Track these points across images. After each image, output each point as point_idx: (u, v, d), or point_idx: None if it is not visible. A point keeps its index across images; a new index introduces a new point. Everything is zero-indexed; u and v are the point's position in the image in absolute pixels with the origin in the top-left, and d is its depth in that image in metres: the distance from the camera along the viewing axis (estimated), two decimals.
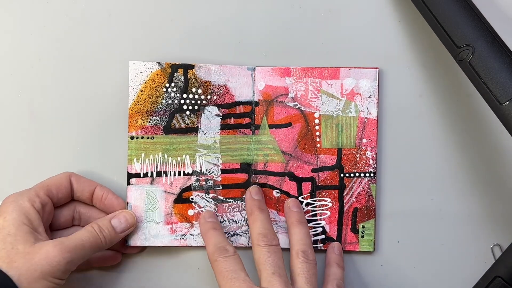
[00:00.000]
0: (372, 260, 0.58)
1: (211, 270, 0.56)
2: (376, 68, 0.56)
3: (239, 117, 0.56)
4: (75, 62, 0.57)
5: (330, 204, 0.56)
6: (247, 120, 0.56)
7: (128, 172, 0.56)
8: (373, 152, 0.56)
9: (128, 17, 0.57)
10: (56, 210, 0.53)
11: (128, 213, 0.54)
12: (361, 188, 0.56)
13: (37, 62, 0.57)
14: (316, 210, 0.57)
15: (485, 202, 0.58)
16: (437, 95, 0.57)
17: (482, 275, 0.51)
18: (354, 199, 0.56)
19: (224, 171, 0.56)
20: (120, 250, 0.56)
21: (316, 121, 0.56)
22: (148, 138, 0.56)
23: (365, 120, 0.56)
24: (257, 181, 0.56)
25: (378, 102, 0.56)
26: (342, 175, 0.56)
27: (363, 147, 0.56)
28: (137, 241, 0.55)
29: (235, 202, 0.56)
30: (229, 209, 0.56)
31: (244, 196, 0.56)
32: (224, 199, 0.56)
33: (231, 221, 0.56)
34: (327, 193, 0.57)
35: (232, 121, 0.56)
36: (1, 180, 0.56)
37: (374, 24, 0.57)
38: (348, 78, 0.56)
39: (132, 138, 0.56)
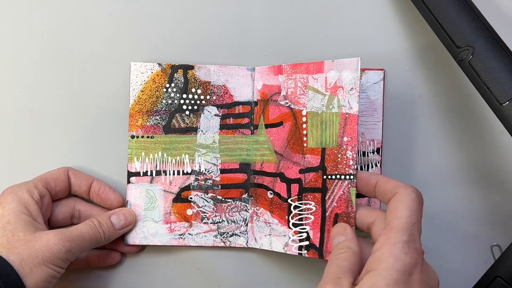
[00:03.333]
0: None
1: (211, 270, 0.56)
2: (358, 57, 0.50)
3: (238, 117, 0.56)
4: (75, 62, 0.57)
5: (314, 208, 0.52)
6: (246, 120, 0.56)
7: (128, 171, 0.56)
8: (353, 152, 0.50)
9: (128, 17, 0.57)
10: (55, 207, 0.54)
11: (127, 211, 0.55)
12: (342, 192, 0.50)
13: (37, 62, 0.57)
14: (302, 214, 0.53)
15: (485, 202, 0.57)
16: (437, 95, 0.57)
17: (482, 275, 0.51)
18: (335, 204, 0.51)
19: (223, 171, 0.56)
20: (119, 249, 0.56)
21: (304, 119, 0.53)
22: (148, 137, 0.56)
23: (347, 116, 0.50)
24: (255, 181, 0.56)
25: (359, 95, 0.51)
26: (324, 177, 0.51)
27: (344, 146, 0.50)
28: (136, 239, 0.56)
29: (234, 202, 0.56)
30: (228, 209, 0.56)
31: (243, 196, 0.56)
32: (223, 199, 0.56)
33: (229, 221, 0.56)
34: (311, 196, 0.52)
35: (231, 121, 0.56)
36: (1, 183, 0.56)
37: (374, 24, 0.57)
38: (331, 70, 0.51)
39: (132, 137, 0.56)
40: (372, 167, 0.57)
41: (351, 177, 0.50)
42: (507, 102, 0.47)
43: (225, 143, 0.56)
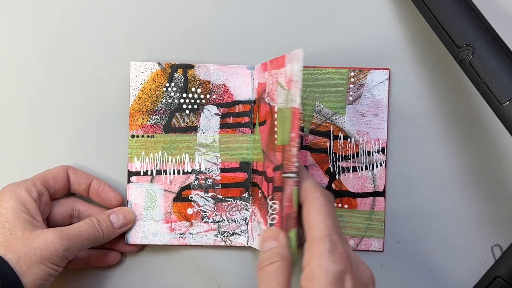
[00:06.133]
0: (373, 260, 0.57)
1: (211, 270, 0.56)
2: (300, 48, 0.46)
3: (238, 116, 0.56)
4: (75, 62, 0.57)
5: (278, 208, 0.49)
6: (246, 119, 0.56)
7: (128, 170, 0.56)
8: (296, 148, 0.46)
9: (128, 17, 0.57)
10: (54, 207, 0.54)
11: (126, 210, 0.55)
12: (289, 191, 0.47)
13: (37, 62, 0.57)
14: (273, 214, 0.50)
15: (485, 202, 0.57)
16: (437, 95, 0.57)
17: (482, 275, 0.51)
18: (286, 203, 0.47)
19: (223, 170, 0.56)
20: (120, 249, 0.56)
21: (275, 115, 0.50)
22: (148, 136, 0.56)
23: (293, 110, 0.47)
24: (253, 180, 0.56)
25: (301, 88, 0.47)
26: (283, 175, 0.48)
27: (292, 143, 0.46)
28: (136, 239, 0.56)
29: (234, 201, 0.56)
30: (228, 208, 0.56)
31: (244, 195, 0.56)
32: (223, 198, 0.56)
33: (230, 221, 0.56)
34: (277, 195, 0.49)
35: (231, 120, 0.56)
36: (1, 183, 0.56)
37: (374, 24, 0.57)
38: (288, 64, 0.48)
39: (132, 136, 0.56)
40: (377, 166, 0.57)
41: (294, 175, 0.46)
42: (508, 102, 0.47)
43: (225, 142, 0.56)
